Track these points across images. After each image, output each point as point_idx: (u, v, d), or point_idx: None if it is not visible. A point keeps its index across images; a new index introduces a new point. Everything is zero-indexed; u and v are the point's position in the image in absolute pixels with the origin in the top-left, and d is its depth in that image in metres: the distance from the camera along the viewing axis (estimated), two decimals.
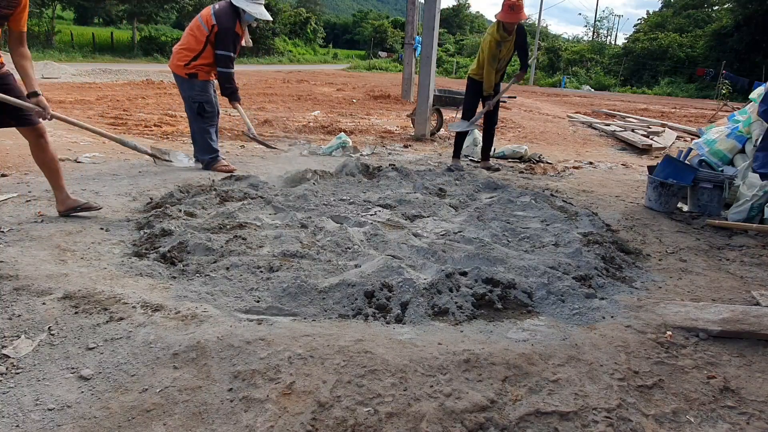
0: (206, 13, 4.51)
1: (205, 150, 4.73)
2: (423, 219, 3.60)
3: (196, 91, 4.57)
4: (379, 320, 2.16)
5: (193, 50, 4.46)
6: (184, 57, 4.49)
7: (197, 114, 4.63)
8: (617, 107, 16.00)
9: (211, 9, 4.49)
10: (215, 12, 4.44)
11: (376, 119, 9.60)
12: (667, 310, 2.33)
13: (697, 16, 36.14)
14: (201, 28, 4.46)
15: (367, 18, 66.69)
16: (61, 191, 3.12)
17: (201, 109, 4.61)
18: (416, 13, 11.72)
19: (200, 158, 4.78)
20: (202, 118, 4.64)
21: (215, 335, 1.88)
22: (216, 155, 4.76)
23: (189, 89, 4.58)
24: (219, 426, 1.50)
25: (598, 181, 5.33)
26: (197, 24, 4.50)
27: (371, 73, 35.02)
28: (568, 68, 35.90)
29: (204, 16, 4.49)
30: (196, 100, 4.58)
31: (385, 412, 1.57)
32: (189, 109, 4.68)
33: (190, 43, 4.48)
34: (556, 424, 1.58)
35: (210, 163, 4.73)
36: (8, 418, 1.49)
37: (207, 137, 4.71)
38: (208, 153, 4.73)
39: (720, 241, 3.49)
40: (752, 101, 4.77)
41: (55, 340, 1.86)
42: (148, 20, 31.99)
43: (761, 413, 1.70)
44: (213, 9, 4.48)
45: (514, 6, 5.00)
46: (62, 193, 3.12)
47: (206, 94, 4.62)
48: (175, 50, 4.59)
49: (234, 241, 2.83)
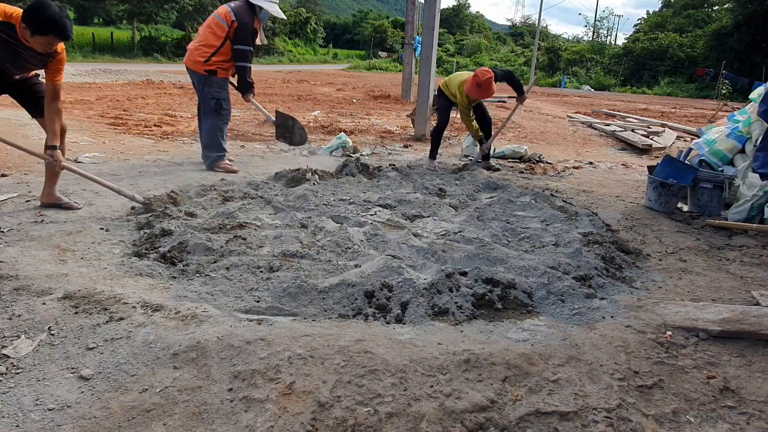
0: (223, 10, 4.54)
1: (213, 147, 4.73)
2: (423, 219, 3.60)
3: (214, 88, 4.60)
4: (379, 320, 2.16)
5: (212, 46, 4.49)
6: (203, 53, 4.50)
7: (214, 110, 4.64)
8: (617, 107, 15.99)
9: (228, 6, 4.53)
10: (233, 9, 4.49)
11: (376, 119, 9.60)
12: (667, 310, 2.33)
13: (697, 16, 36.13)
14: (220, 24, 4.48)
15: (367, 18, 66.62)
16: (52, 186, 3.33)
17: (218, 106, 4.64)
18: (416, 13, 11.71)
19: (206, 155, 4.78)
20: (218, 116, 4.67)
21: (215, 335, 1.88)
22: (223, 154, 4.78)
23: (208, 86, 4.60)
24: (219, 426, 1.50)
25: (598, 181, 5.33)
26: (215, 21, 4.52)
27: (371, 73, 35.01)
28: (568, 68, 35.90)
29: (222, 13, 4.52)
30: (214, 96, 4.61)
31: (385, 412, 1.57)
32: (206, 105, 4.69)
33: (208, 39, 4.50)
34: (556, 424, 1.58)
35: (215, 161, 4.72)
36: (8, 418, 1.49)
37: (219, 135, 4.74)
38: (216, 151, 4.74)
39: (720, 241, 3.49)
40: (752, 101, 4.77)
41: (55, 340, 1.86)
42: (148, 20, 31.95)
43: (761, 413, 1.70)
44: (230, 6, 4.52)
45: (482, 84, 4.91)
46: (52, 187, 3.34)
47: (224, 92, 4.67)
48: (192, 47, 4.59)
49: (234, 241, 2.83)
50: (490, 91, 5.00)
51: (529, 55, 39.29)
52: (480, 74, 4.96)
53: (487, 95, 5.04)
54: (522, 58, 42.45)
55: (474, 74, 5.04)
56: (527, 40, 55.93)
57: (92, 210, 3.36)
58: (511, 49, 50.20)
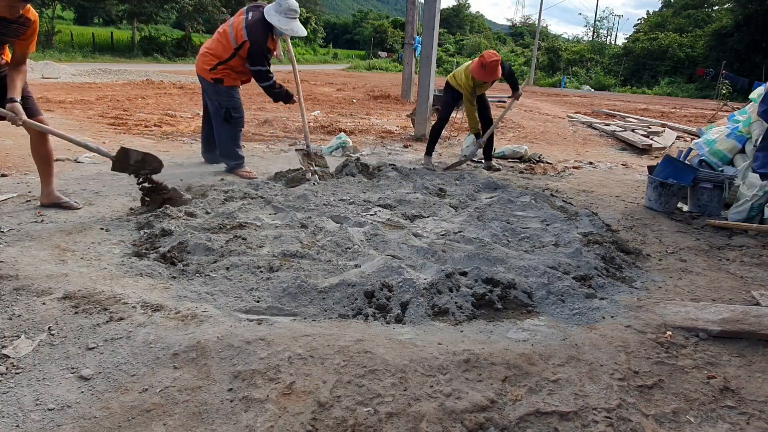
0: (238, 23, 4.31)
1: (230, 156, 4.62)
2: (423, 219, 3.60)
3: (222, 97, 4.45)
4: (379, 320, 2.16)
5: (219, 57, 4.34)
6: (209, 61, 4.37)
7: (224, 120, 4.50)
8: (617, 107, 15.99)
9: (244, 20, 4.30)
10: (247, 25, 4.26)
11: (376, 119, 9.60)
12: (667, 310, 2.33)
13: (697, 16, 36.13)
14: (229, 39, 4.31)
15: (367, 18, 66.61)
16: (49, 185, 3.34)
17: (228, 115, 4.48)
18: (416, 13, 11.71)
19: (225, 162, 4.68)
20: (229, 124, 4.53)
21: (215, 335, 1.88)
22: (241, 162, 4.65)
23: (215, 94, 4.47)
24: (219, 426, 1.50)
25: (598, 181, 5.33)
26: (226, 32, 4.35)
27: (371, 73, 35.01)
28: (568, 68, 35.92)
29: (235, 27, 4.31)
30: (223, 105, 4.47)
31: (385, 412, 1.57)
32: (215, 114, 4.56)
33: (216, 50, 4.36)
34: (556, 424, 1.58)
35: (233, 168, 4.62)
36: (8, 418, 1.49)
37: (233, 144, 4.59)
38: (233, 159, 4.62)
39: (720, 241, 3.49)
40: (752, 101, 4.77)
41: (55, 340, 1.86)
42: (148, 20, 31.95)
43: (761, 413, 1.70)
44: (246, 20, 4.29)
45: (487, 65, 4.90)
46: (49, 187, 3.34)
47: (233, 100, 4.50)
48: (202, 52, 4.46)
49: (234, 241, 2.83)
50: (495, 74, 5.01)
51: (529, 55, 39.27)
52: (487, 55, 4.99)
53: (491, 77, 5.04)
54: (522, 58, 42.44)
55: (481, 55, 5.06)
56: (527, 40, 55.92)
57: (92, 210, 3.36)
58: (511, 49, 50.16)
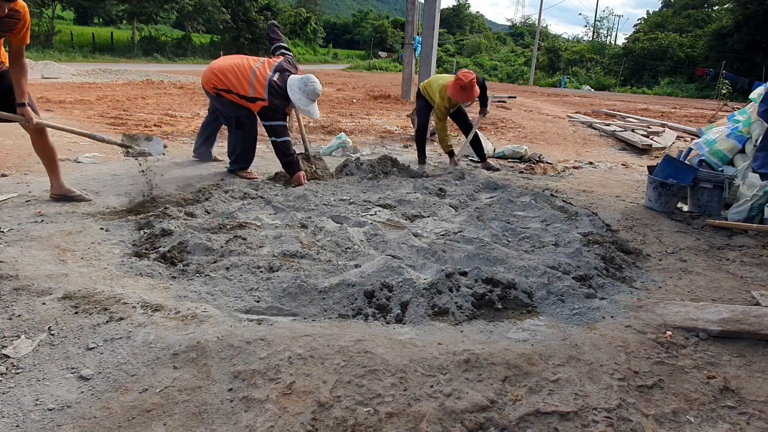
0: (262, 76, 4.20)
1: (238, 161, 4.59)
2: (423, 219, 3.60)
3: (229, 108, 4.39)
4: (379, 320, 2.16)
5: (228, 91, 4.25)
6: (219, 84, 4.26)
7: (236, 128, 4.47)
8: (617, 107, 15.99)
9: (269, 77, 4.20)
10: (270, 84, 4.17)
11: (376, 119, 9.60)
12: (667, 310, 2.33)
13: (697, 16, 36.14)
14: (248, 80, 4.19)
15: (367, 18, 66.60)
16: (57, 178, 3.42)
17: (239, 124, 4.43)
18: (416, 13, 11.72)
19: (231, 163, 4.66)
20: (242, 131, 4.48)
21: (215, 335, 1.88)
22: (246, 166, 4.64)
23: (220, 105, 4.44)
24: (219, 426, 1.50)
25: (598, 181, 5.33)
26: (246, 77, 4.20)
27: (371, 73, 35.02)
28: (568, 68, 35.94)
29: (258, 77, 4.19)
30: (231, 115, 4.44)
31: (385, 412, 1.57)
32: (228, 122, 4.54)
33: (230, 83, 4.22)
34: (556, 424, 1.58)
35: (236, 170, 4.61)
36: (8, 418, 1.49)
37: (244, 149, 4.55)
38: (240, 164, 4.60)
39: (720, 241, 3.49)
40: (752, 101, 4.77)
41: (55, 340, 1.86)
42: (148, 20, 31.96)
43: (761, 413, 1.70)
44: (270, 78, 4.19)
45: (466, 86, 4.86)
46: (58, 180, 3.43)
47: (241, 108, 4.39)
48: (213, 69, 4.33)
49: (234, 241, 2.83)
50: (474, 93, 4.96)
51: (529, 55, 39.28)
52: (463, 76, 4.88)
53: (471, 98, 5.00)
54: (522, 58, 42.46)
55: (456, 77, 4.94)
56: (527, 40, 55.93)
57: (92, 210, 3.36)
58: (511, 49, 50.21)
